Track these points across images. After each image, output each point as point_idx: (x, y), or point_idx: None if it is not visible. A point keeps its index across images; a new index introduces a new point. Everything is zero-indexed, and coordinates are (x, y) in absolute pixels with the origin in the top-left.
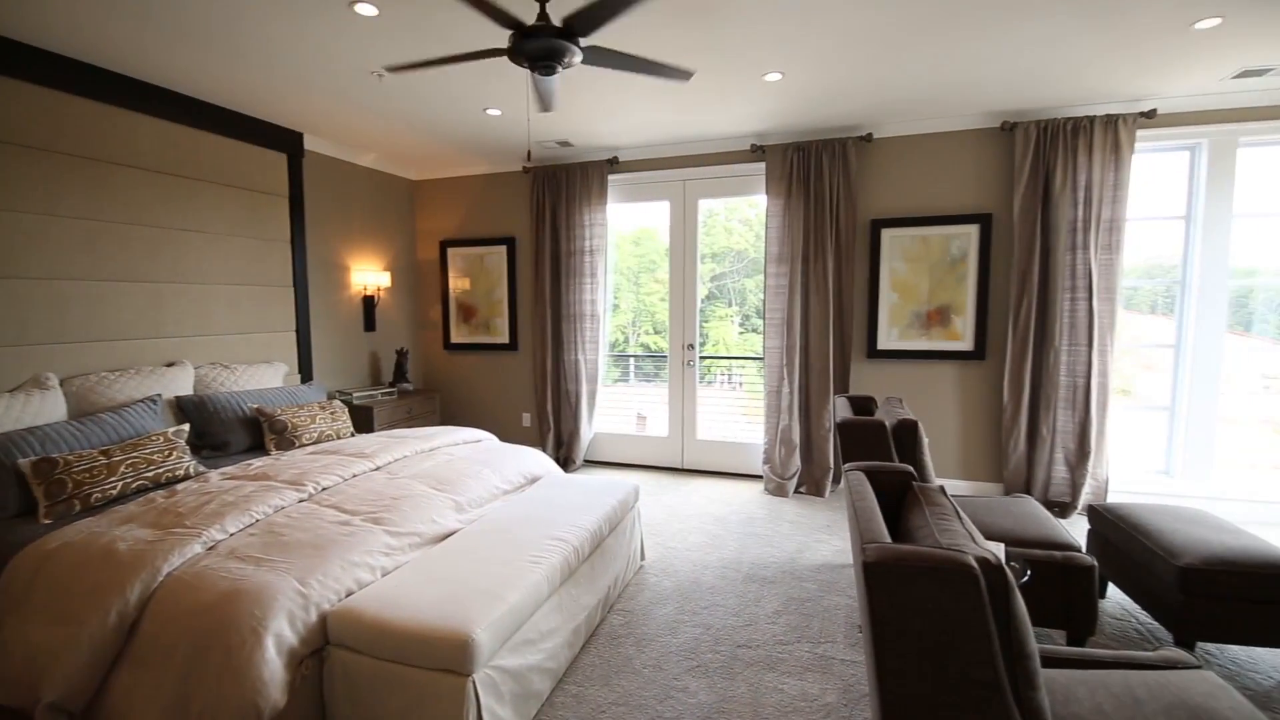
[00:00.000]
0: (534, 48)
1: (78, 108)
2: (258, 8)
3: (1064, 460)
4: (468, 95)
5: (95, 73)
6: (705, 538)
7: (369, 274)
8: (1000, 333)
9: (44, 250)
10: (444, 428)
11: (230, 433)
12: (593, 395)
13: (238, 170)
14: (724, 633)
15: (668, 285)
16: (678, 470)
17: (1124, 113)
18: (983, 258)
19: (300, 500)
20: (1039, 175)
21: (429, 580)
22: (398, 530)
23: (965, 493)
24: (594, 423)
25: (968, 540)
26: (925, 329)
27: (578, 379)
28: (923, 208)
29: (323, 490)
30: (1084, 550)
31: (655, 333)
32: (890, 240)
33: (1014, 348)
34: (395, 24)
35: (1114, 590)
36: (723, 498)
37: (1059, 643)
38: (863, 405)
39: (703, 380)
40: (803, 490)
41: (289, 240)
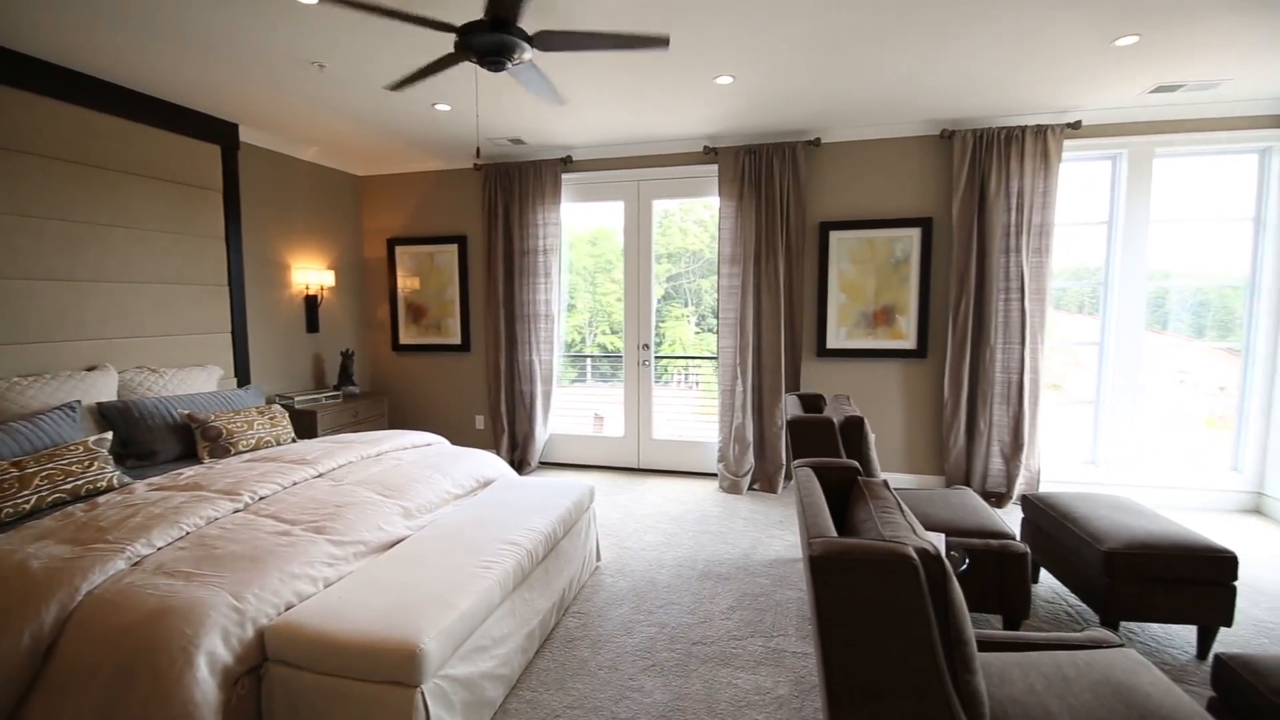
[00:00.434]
0: (482, 42)
1: None
2: None
3: (1000, 453)
4: (415, 90)
5: (4, 55)
6: (661, 537)
7: (311, 272)
8: (941, 332)
9: None
10: (392, 431)
11: (158, 441)
12: (548, 396)
13: (167, 163)
14: (679, 631)
15: (624, 285)
16: (634, 470)
17: (1052, 123)
18: (924, 260)
19: (235, 510)
20: (975, 181)
21: (375, 589)
22: (342, 539)
23: (909, 485)
24: (549, 424)
25: (909, 532)
26: (871, 328)
27: (532, 380)
28: (868, 211)
29: (260, 499)
30: (1018, 538)
31: (612, 333)
32: (838, 242)
33: (953, 346)
34: (337, 14)
35: (1046, 575)
36: (678, 496)
37: (996, 627)
38: (812, 403)
39: (659, 380)
40: (756, 487)
41: (223, 237)
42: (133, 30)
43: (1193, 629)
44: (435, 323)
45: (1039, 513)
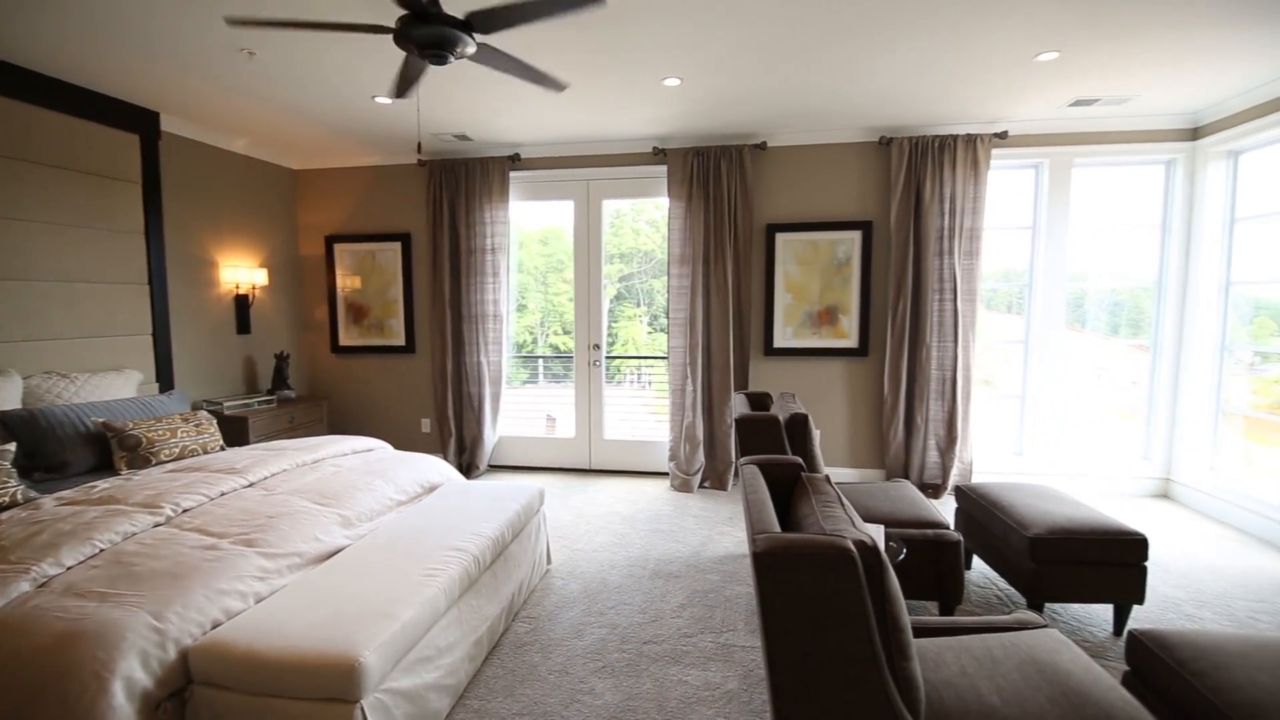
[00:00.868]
0: (426, 34)
1: None
2: None
3: (935, 446)
4: (352, 81)
5: None
6: (612, 537)
7: (242, 271)
8: (880, 331)
9: None
10: (331, 437)
11: (69, 452)
12: (496, 398)
13: (80, 153)
14: (630, 631)
15: (574, 285)
16: (586, 471)
17: (981, 133)
18: (865, 262)
19: (156, 525)
20: (911, 187)
21: (311, 603)
22: (274, 551)
23: (852, 479)
24: (499, 426)
25: (848, 525)
26: (816, 328)
27: (480, 381)
28: (812, 214)
29: (184, 512)
30: (952, 527)
31: (564, 333)
32: (784, 244)
33: (892, 345)
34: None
35: (978, 562)
36: (630, 497)
37: (933, 612)
38: (759, 401)
39: (612, 380)
40: (707, 485)
41: (143, 232)
42: (40, 9)
43: (1110, 608)
44: (377, 323)
45: (971, 502)
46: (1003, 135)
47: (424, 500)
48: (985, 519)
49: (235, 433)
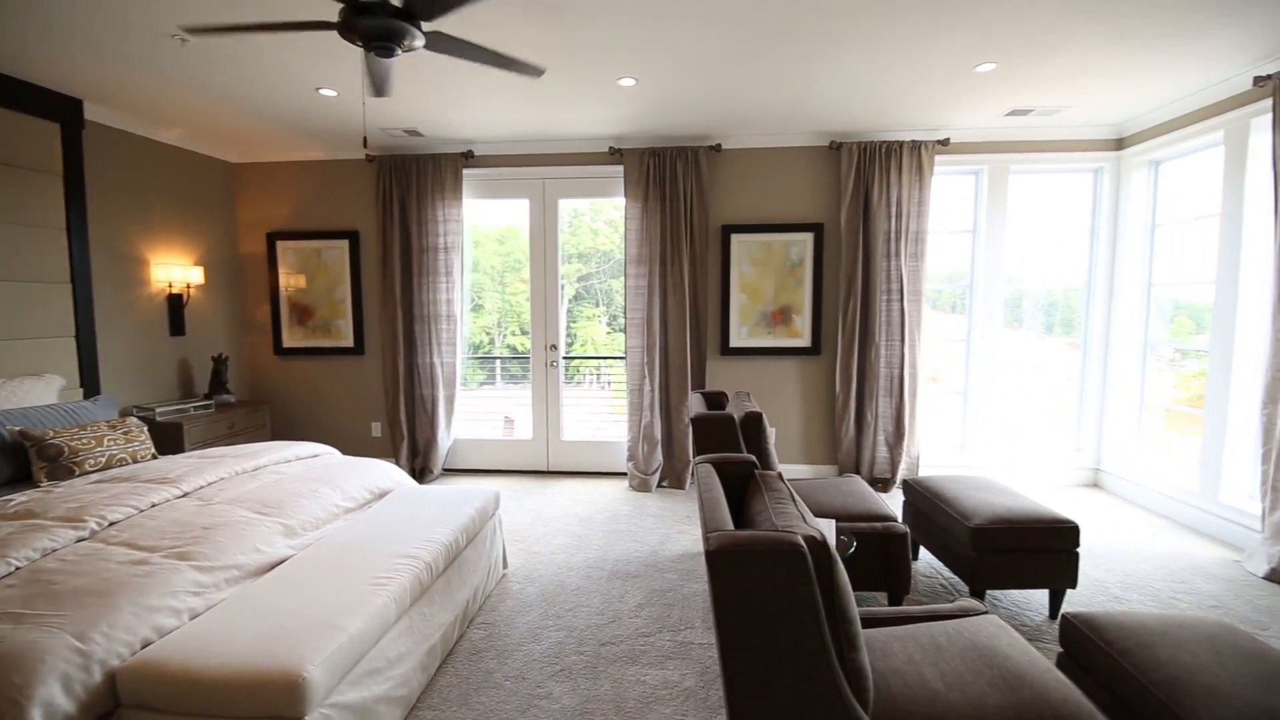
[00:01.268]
0: (369, 26)
1: None
2: None
3: (885, 441)
4: (296, 72)
5: None
6: (570, 539)
7: (175, 269)
8: (832, 331)
9: None
10: (274, 443)
11: None
12: (450, 400)
13: None
14: (588, 633)
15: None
16: (544, 473)
17: (925, 139)
18: (817, 263)
19: (79, 540)
20: (861, 191)
21: (252, 617)
22: (211, 564)
23: (806, 475)
24: (453, 429)
25: (799, 521)
26: (770, 328)
27: (434, 383)
28: (767, 215)
29: (110, 525)
30: (900, 520)
31: (522, 334)
32: (739, 245)
33: (843, 344)
34: None
35: (925, 552)
36: (588, 498)
37: (881, 603)
38: (715, 400)
39: (571, 380)
40: (665, 484)
41: (64, 227)
42: None
43: (1046, 592)
44: (324, 324)
45: (917, 495)
46: (945, 142)
47: (374, 507)
48: (930, 511)
49: (169, 440)
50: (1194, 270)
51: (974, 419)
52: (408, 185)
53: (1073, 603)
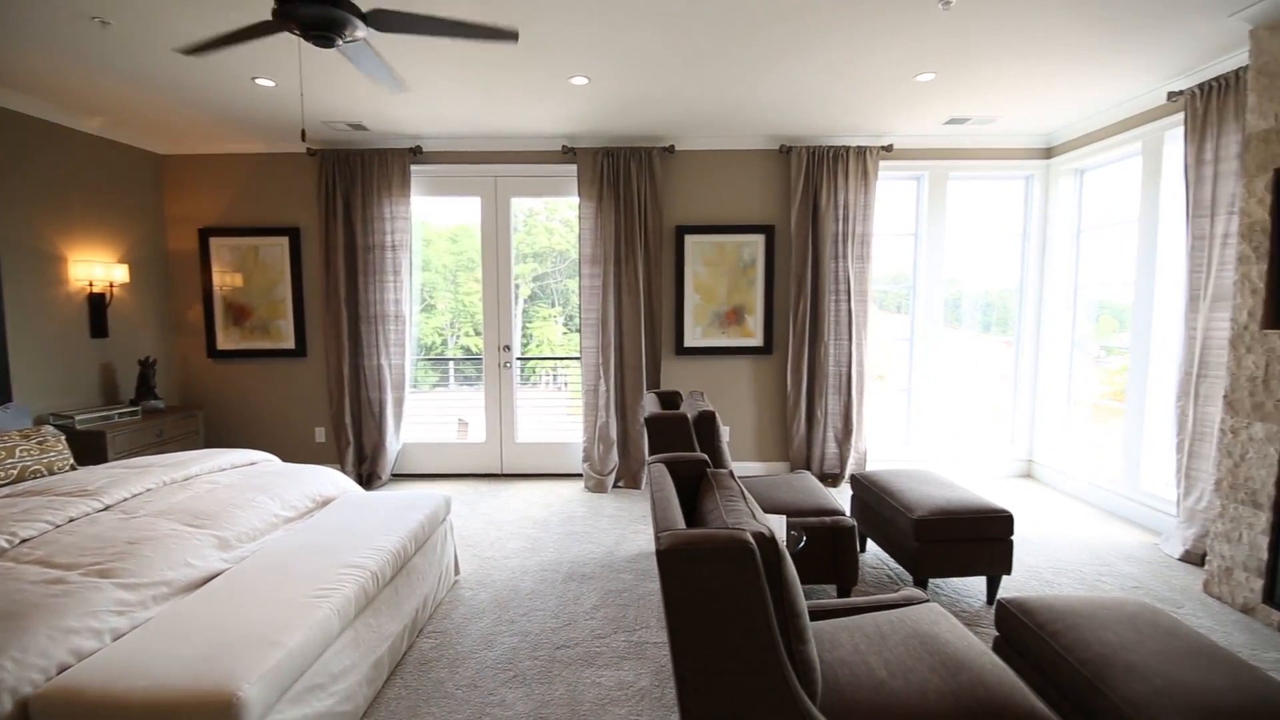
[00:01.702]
0: (304, 15)
1: None
2: None
3: (834, 438)
4: (229, 61)
5: None
6: (525, 543)
7: (97, 266)
8: (783, 330)
9: None
10: (206, 451)
11: None
12: (399, 403)
13: None
14: (542, 637)
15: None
16: (498, 476)
17: (870, 145)
18: (768, 264)
19: None
20: (809, 194)
21: (182, 635)
22: (136, 581)
23: (759, 473)
24: (402, 433)
25: (749, 518)
26: (724, 327)
27: (381, 386)
28: (719, 217)
29: (22, 542)
30: (848, 514)
31: (476, 334)
32: (692, 246)
33: (794, 343)
34: None
35: (872, 544)
36: (543, 500)
37: (831, 595)
38: (670, 400)
39: (527, 381)
40: (621, 484)
41: None
42: None
43: (984, 580)
44: (262, 325)
45: (864, 490)
46: (889, 148)
47: (316, 515)
48: (876, 504)
49: (90, 450)
50: (1116, 272)
51: (918, 415)
52: (352, 181)
53: (1008, 589)
